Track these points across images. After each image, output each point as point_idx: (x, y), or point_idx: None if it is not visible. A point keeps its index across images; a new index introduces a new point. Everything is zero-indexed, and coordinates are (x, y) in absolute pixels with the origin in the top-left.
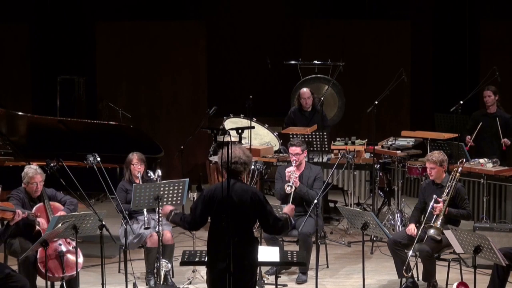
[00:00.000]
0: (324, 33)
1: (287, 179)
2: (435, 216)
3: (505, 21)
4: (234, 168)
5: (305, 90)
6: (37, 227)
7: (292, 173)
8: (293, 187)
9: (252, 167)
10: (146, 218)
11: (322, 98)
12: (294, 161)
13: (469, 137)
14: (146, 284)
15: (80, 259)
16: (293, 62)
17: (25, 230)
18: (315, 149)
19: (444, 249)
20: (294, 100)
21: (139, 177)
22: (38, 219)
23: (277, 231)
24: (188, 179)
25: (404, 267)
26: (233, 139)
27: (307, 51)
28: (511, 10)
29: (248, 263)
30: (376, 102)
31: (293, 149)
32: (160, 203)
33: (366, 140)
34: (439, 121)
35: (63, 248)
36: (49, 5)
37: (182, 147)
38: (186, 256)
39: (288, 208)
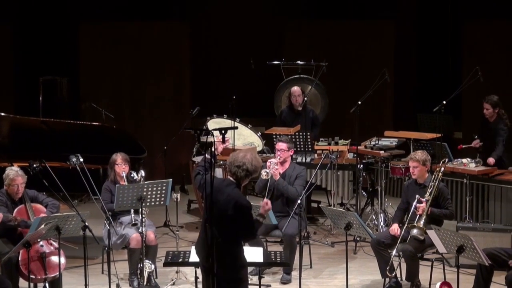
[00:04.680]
0: (307, 33)
1: (267, 168)
2: (418, 216)
3: (488, 21)
4: (235, 172)
5: (295, 88)
6: (19, 229)
7: (272, 163)
8: (269, 174)
9: None
10: (133, 215)
11: (306, 98)
12: (279, 157)
13: (478, 140)
14: (130, 285)
15: (63, 260)
16: (276, 62)
17: (7, 232)
18: (298, 149)
19: (427, 249)
20: (283, 99)
21: (124, 177)
22: (28, 221)
23: (246, 239)
24: (171, 179)
25: (388, 267)
26: (216, 139)
27: (290, 51)
28: (493, 11)
29: (231, 262)
30: (359, 102)
31: (279, 144)
32: (144, 204)
33: (349, 140)
34: (422, 121)
35: (46, 250)
36: (33, 6)
37: (165, 147)
38: (170, 257)
39: (262, 209)
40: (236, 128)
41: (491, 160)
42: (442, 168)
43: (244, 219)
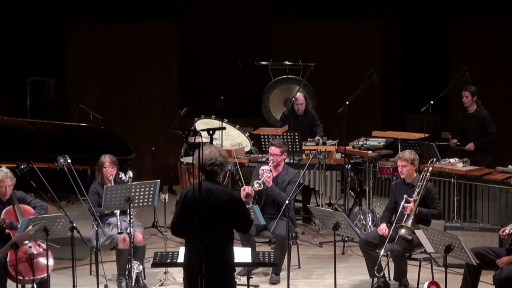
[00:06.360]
0: (295, 34)
1: (259, 176)
2: (406, 215)
3: (475, 21)
4: (211, 169)
5: (299, 96)
6: (7, 231)
7: (265, 171)
8: (261, 185)
9: None
10: (118, 222)
11: (293, 98)
12: (272, 161)
13: (455, 140)
14: (118, 286)
15: (51, 262)
16: (264, 63)
17: None
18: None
19: (415, 248)
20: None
21: (111, 180)
22: (14, 224)
23: (246, 230)
24: (159, 180)
25: (376, 267)
26: (204, 140)
27: (278, 51)
28: (480, 11)
29: (223, 264)
30: (347, 103)
31: (272, 149)
32: (132, 205)
33: (337, 140)
34: (410, 121)
35: (34, 251)
36: (19, 8)
37: (153, 148)
38: (158, 258)
39: (243, 193)
40: (224, 128)
41: (470, 146)
42: (430, 168)
43: (241, 207)
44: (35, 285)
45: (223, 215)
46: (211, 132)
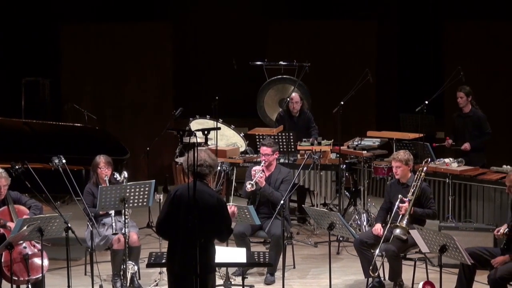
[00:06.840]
0: (290, 34)
1: (252, 177)
2: (400, 215)
3: (469, 21)
4: (200, 171)
5: (294, 95)
6: (2, 230)
7: (257, 172)
8: (254, 186)
9: (219, 168)
10: (113, 224)
11: (288, 99)
12: (264, 161)
13: (451, 140)
14: (113, 286)
15: (46, 262)
16: (259, 63)
17: None
18: (281, 149)
19: (410, 248)
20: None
21: (106, 181)
22: (9, 224)
23: (225, 238)
24: (154, 180)
25: (371, 267)
26: (199, 140)
27: (272, 51)
28: (475, 11)
29: (204, 263)
30: (342, 103)
31: (263, 149)
32: (126, 205)
33: (332, 140)
34: (405, 121)
35: (28, 251)
36: (14, 7)
37: (148, 148)
38: (153, 258)
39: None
40: (219, 128)
41: (466, 146)
42: (425, 168)
43: (225, 212)
44: (30, 286)
45: (209, 217)
46: (206, 132)
